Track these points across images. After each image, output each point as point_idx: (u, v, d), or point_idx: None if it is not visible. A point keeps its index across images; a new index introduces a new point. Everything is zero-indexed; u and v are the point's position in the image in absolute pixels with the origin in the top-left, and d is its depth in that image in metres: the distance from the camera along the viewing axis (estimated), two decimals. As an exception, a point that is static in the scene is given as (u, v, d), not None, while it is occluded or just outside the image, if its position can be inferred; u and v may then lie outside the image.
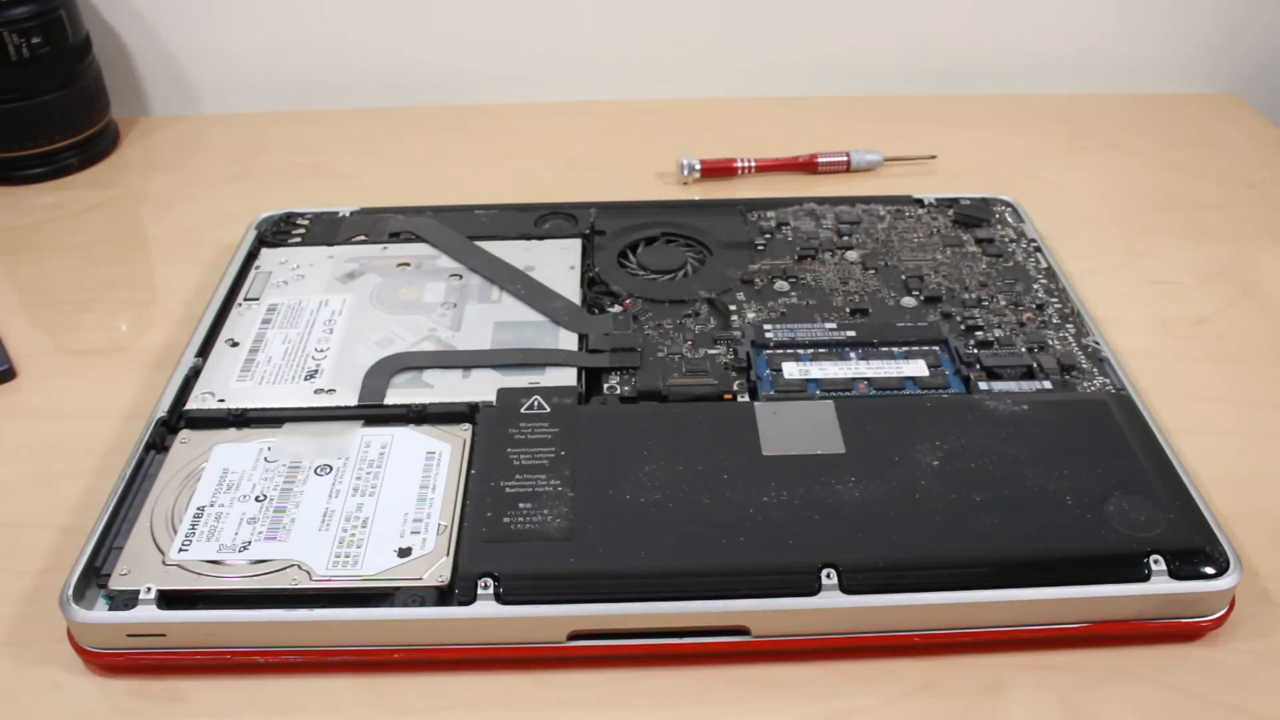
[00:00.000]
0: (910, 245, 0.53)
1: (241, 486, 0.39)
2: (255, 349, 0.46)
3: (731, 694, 0.36)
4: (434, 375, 0.44)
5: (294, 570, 0.36)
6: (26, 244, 0.59)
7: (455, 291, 0.49)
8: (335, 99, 0.73)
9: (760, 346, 0.46)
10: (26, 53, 0.61)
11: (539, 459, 0.40)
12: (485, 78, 0.74)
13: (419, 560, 0.36)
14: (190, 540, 0.37)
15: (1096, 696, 0.35)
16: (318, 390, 0.44)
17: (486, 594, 0.35)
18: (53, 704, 0.35)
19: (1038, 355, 0.45)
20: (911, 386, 0.44)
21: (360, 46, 0.72)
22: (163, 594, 0.35)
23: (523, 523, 0.37)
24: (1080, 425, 0.41)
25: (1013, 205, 0.56)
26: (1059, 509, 0.38)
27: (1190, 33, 0.73)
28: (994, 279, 0.50)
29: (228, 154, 0.68)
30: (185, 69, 0.73)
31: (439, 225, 0.54)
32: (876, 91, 0.74)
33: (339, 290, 0.50)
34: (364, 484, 0.39)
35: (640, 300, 0.49)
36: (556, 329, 0.47)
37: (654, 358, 0.45)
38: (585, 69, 0.74)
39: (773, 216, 0.55)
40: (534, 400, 0.42)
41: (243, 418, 0.42)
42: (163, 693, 0.36)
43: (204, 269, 0.56)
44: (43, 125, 0.63)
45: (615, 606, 0.35)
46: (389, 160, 0.67)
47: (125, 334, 0.53)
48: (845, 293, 0.50)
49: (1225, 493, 0.41)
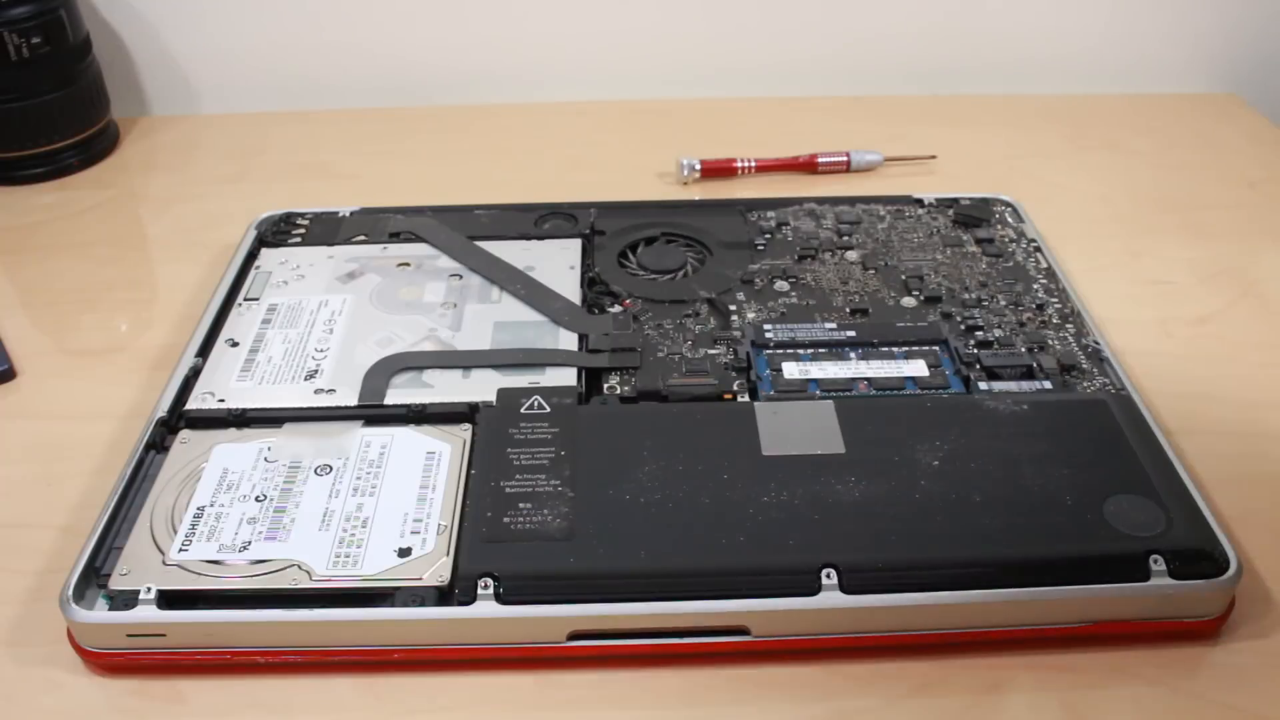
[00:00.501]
0: (910, 245, 0.53)
1: (241, 486, 0.39)
2: (255, 349, 0.46)
3: (731, 694, 0.36)
4: (434, 375, 0.44)
5: (294, 570, 0.36)
6: (27, 244, 0.59)
7: (455, 291, 0.49)
8: (335, 99, 0.73)
9: (760, 346, 0.46)
10: (27, 53, 0.61)
11: (539, 459, 0.40)
12: (485, 78, 0.74)
13: (419, 560, 0.36)
14: (190, 540, 0.37)
15: (1096, 697, 0.35)
16: (318, 390, 0.44)
17: (486, 594, 0.35)
18: (53, 704, 0.35)
19: (1038, 355, 0.45)
20: (911, 386, 0.44)
21: (360, 47, 0.72)
22: (163, 594, 0.35)
23: (523, 523, 0.37)
24: (1080, 425, 0.41)
25: (1013, 205, 0.56)
26: (1059, 509, 0.38)
27: (1190, 32, 0.73)
28: (994, 279, 0.50)
29: (228, 154, 0.68)
30: (185, 69, 0.73)
31: (439, 225, 0.54)
32: (876, 91, 0.74)
33: (339, 290, 0.50)
34: (364, 484, 0.39)
35: (640, 300, 0.49)
36: (556, 329, 0.47)
37: (654, 358, 0.45)
38: (585, 69, 0.74)
39: (773, 216, 0.55)
40: (534, 400, 0.42)
41: (243, 418, 0.42)
42: (163, 693, 0.36)
43: (204, 269, 0.56)
44: (43, 125, 0.63)
45: (615, 606, 0.35)
46: (389, 160, 0.67)
47: (125, 334, 0.53)
48: (845, 293, 0.50)
49: (1225, 493, 0.41)
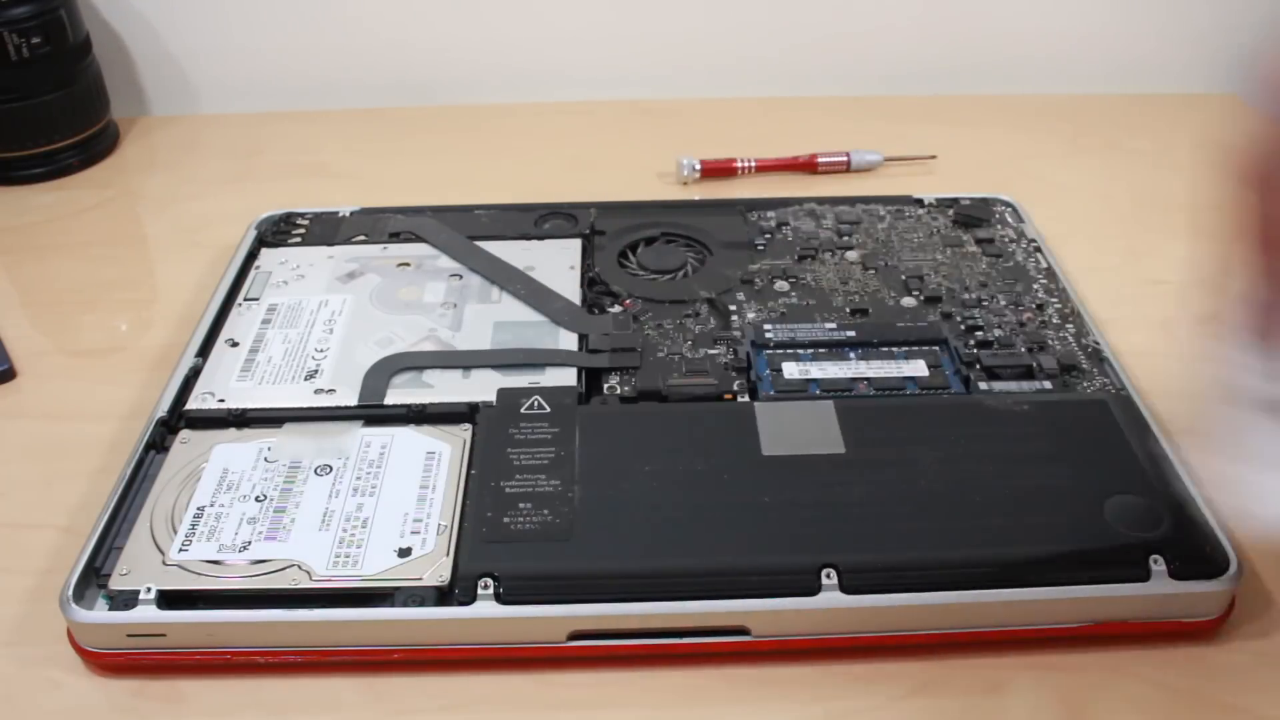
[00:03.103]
0: (910, 245, 0.53)
1: (241, 486, 0.39)
2: (255, 349, 0.46)
3: (731, 694, 0.36)
4: (434, 375, 0.44)
5: (294, 570, 0.36)
6: (26, 244, 0.59)
7: (455, 291, 0.49)
8: (335, 99, 0.73)
9: (760, 346, 0.46)
10: (26, 53, 0.61)
11: (539, 459, 0.40)
12: (485, 77, 0.74)
13: (419, 560, 0.36)
14: (190, 540, 0.37)
15: (1096, 696, 0.35)
16: (318, 390, 0.44)
17: (486, 594, 0.35)
18: (53, 704, 0.35)
19: (1038, 355, 0.45)
20: (911, 386, 0.44)
21: (360, 47, 0.72)
22: (163, 594, 0.35)
23: (523, 523, 0.37)
24: (1080, 425, 0.41)
25: (1013, 205, 0.56)
26: (1059, 509, 0.38)
27: (1190, 32, 0.73)
28: (994, 279, 0.50)
29: (227, 154, 0.68)
30: (185, 69, 0.73)
31: (439, 225, 0.54)
32: (876, 91, 0.74)
33: (339, 290, 0.50)
34: (364, 484, 0.39)
35: (640, 300, 0.49)
36: (556, 329, 0.47)
37: (654, 358, 0.45)
38: (585, 69, 0.74)
39: (773, 216, 0.55)
40: (534, 400, 0.42)
41: (243, 418, 0.42)
42: (163, 693, 0.36)
43: (204, 269, 0.55)
44: (43, 125, 0.63)
45: (615, 606, 0.35)
46: (389, 160, 0.67)
47: (125, 334, 0.53)
48: (845, 293, 0.49)
49: (1225, 493, 0.41)
